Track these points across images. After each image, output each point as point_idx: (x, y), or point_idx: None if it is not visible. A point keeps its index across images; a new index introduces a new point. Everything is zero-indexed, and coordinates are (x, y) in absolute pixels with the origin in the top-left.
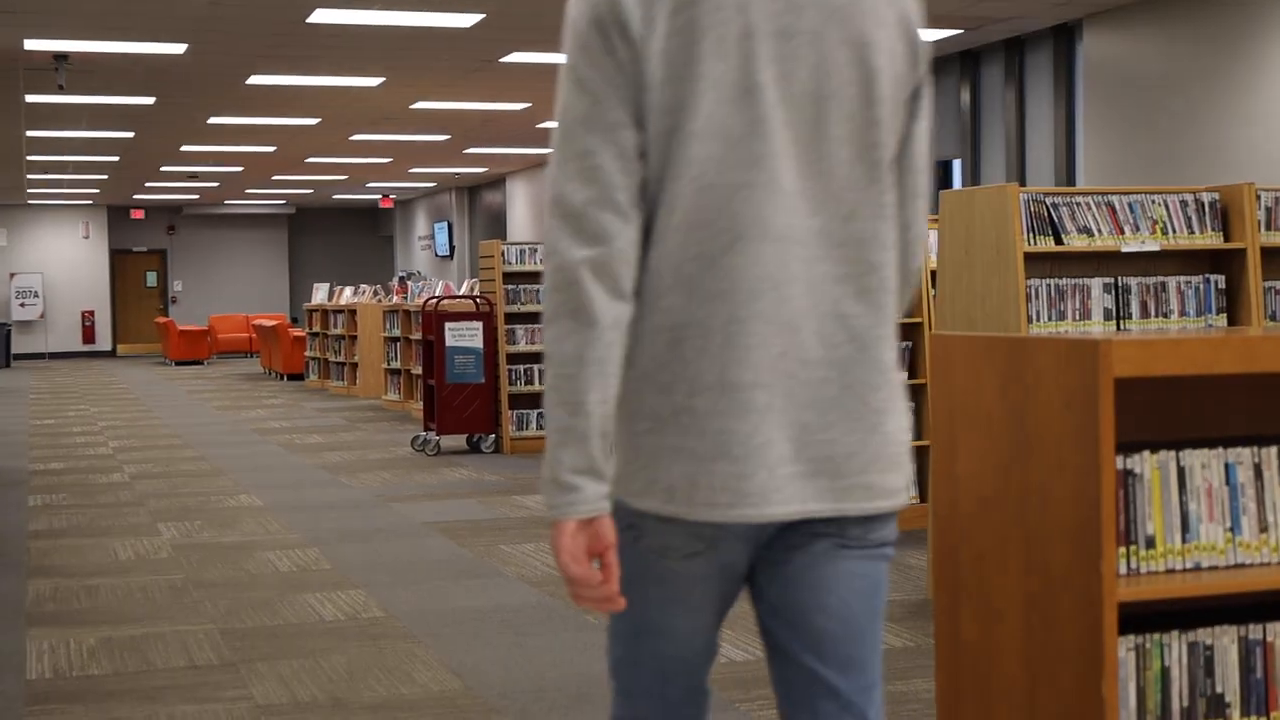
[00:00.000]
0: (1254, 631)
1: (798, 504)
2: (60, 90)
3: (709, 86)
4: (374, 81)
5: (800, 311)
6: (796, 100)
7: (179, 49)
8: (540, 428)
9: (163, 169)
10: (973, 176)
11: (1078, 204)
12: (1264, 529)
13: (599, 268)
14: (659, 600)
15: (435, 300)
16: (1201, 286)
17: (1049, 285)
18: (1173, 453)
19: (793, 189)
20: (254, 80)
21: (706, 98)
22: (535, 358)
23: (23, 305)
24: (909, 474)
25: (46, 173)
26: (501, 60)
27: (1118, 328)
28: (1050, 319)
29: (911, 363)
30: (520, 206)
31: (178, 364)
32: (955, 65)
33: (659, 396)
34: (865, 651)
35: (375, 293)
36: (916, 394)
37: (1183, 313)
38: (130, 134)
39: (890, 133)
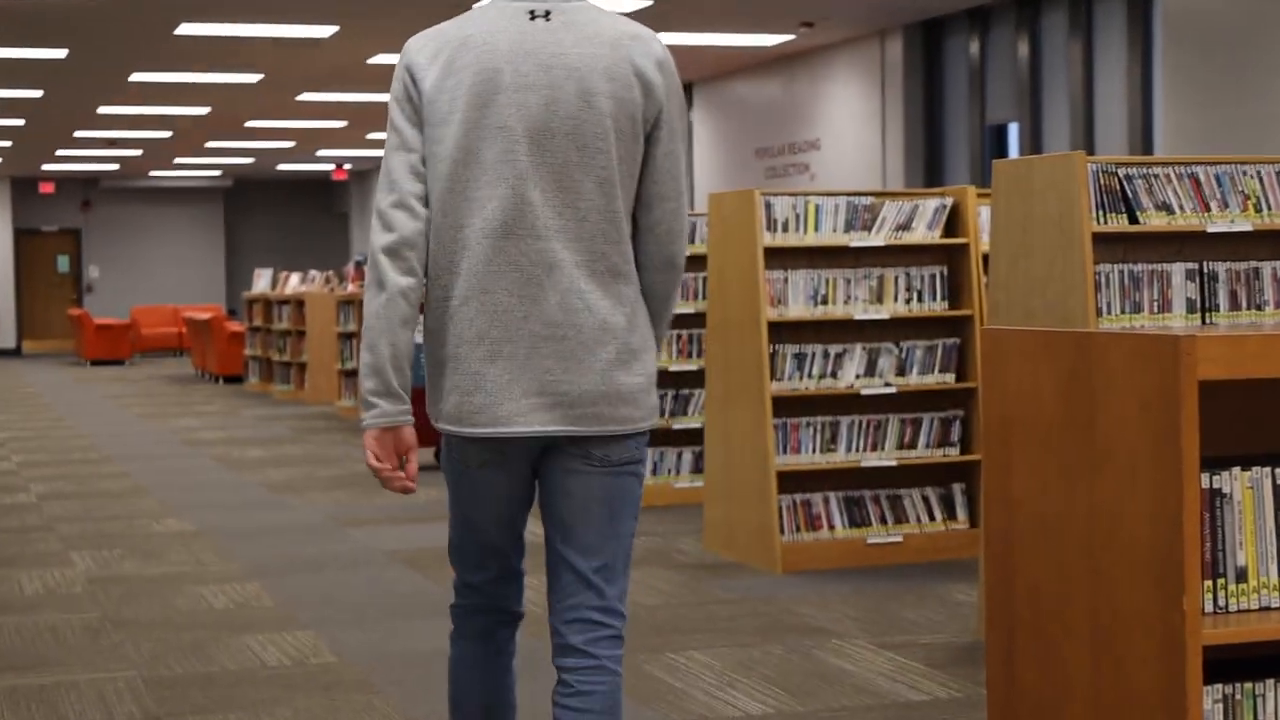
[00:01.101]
0: None
1: (538, 426)
2: None
3: (471, 125)
4: (325, 31)
5: (544, 288)
6: (538, 135)
7: None
8: None
9: (76, 135)
10: (1032, 143)
11: (1155, 176)
12: None
13: (392, 251)
14: (469, 498)
15: None
16: None
17: (1121, 271)
18: (1268, 469)
19: (538, 200)
20: (184, 29)
21: (469, 136)
22: None
23: None
24: (644, 409)
25: None
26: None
27: (1203, 321)
28: (1123, 311)
29: (959, 362)
30: None
31: (94, 364)
32: (1010, 15)
33: (439, 348)
34: (602, 541)
35: (327, 280)
36: (965, 400)
37: None
38: (38, 93)
39: (615, 158)
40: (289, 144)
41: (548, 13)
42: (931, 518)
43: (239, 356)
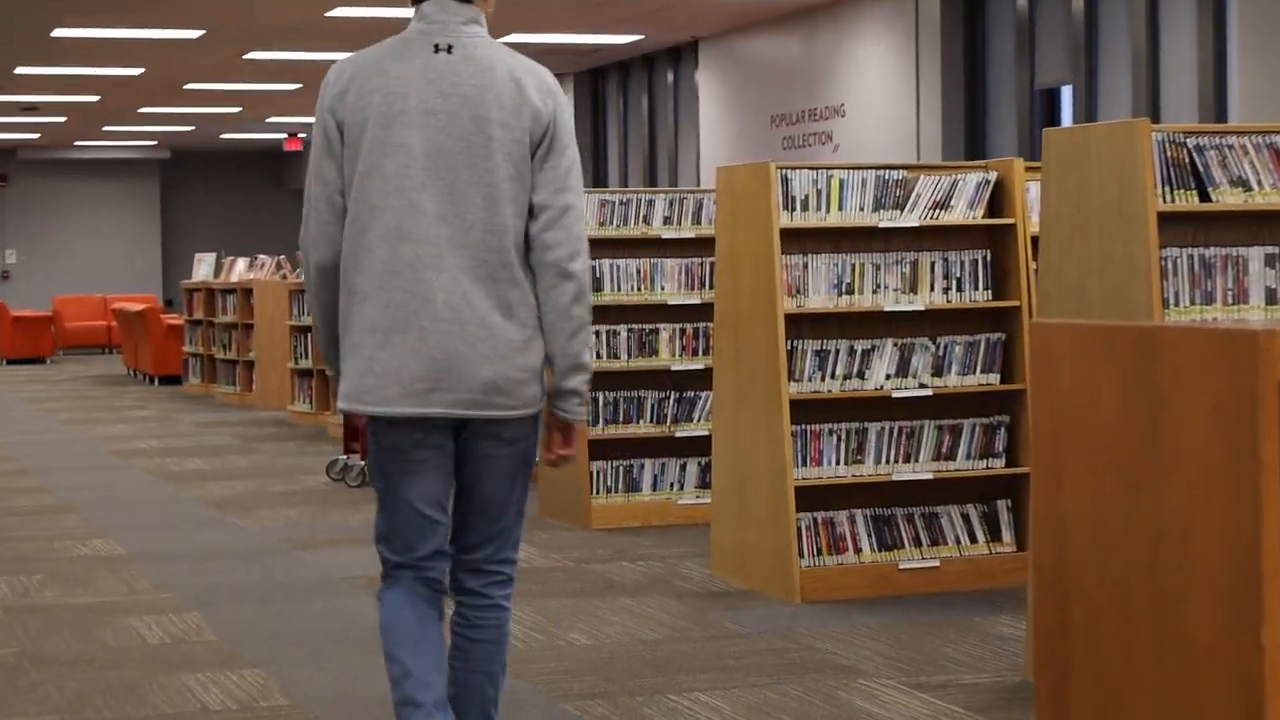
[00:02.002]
0: None
1: (419, 408)
2: None
3: (376, 143)
4: None
5: (433, 287)
6: (435, 154)
7: None
8: None
9: None
10: (1087, 109)
11: (1230, 146)
12: None
13: (320, 268)
14: (396, 470)
15: None
16: None
17: (1191, 256)
18: None
19: (430, 210)
20: None
21: (374, 152)
22: None
23: None
24: (518, 399)
25: None
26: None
27: None
28: (1192, 301)
29: (1005, 361)
30: None
31: (10, 363)
32: None
33: (345, 337)
34: (499, 507)
35: (279, 266)
36: (1011, 404)
37: None
38: None
39: (503, 176)
40: (234, 109)
41: (450, 47)
42: (973, 539)
43: (177, 354)
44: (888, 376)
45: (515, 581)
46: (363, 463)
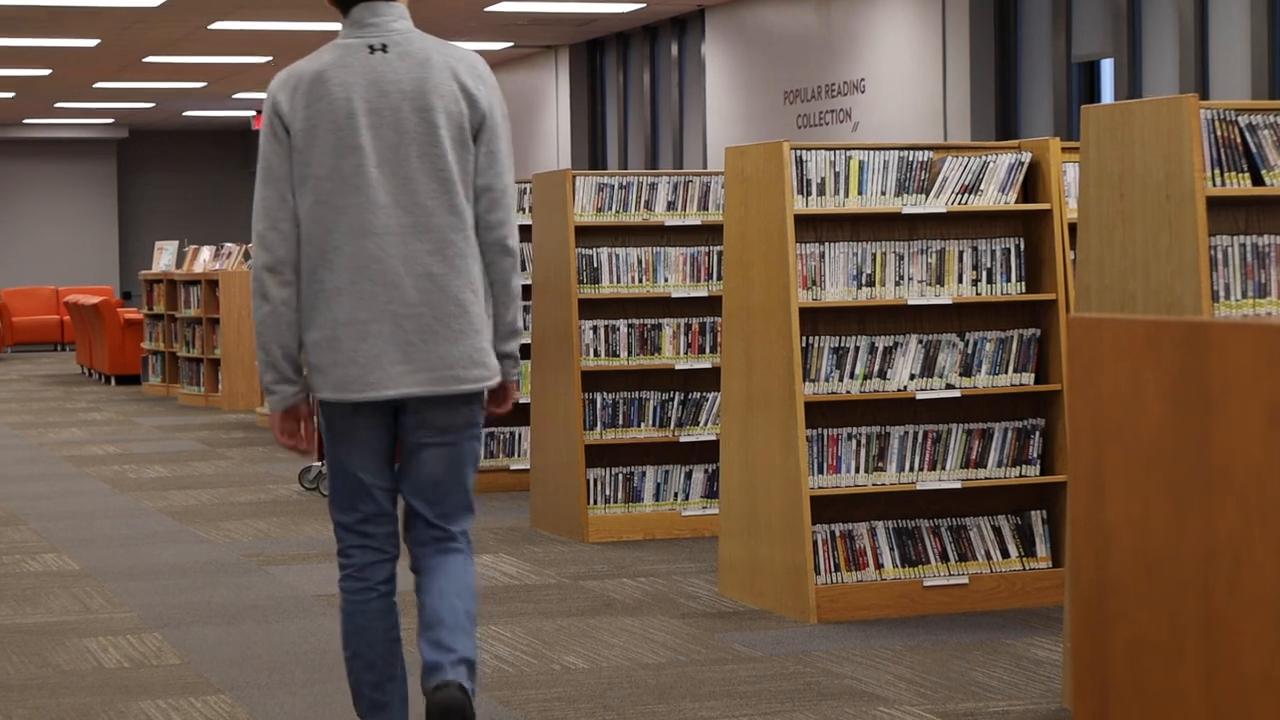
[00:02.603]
0: None
1: (408, 388)
2: None
3: (329, 147)
4: None
5: (400, 275)
6: (385, 149)
7: None
8: (490, 455)
9: None
10: (1130, 84)
11: None
12: None
13: (272, 269)
14: (346, 452)
15: None
16: None
17: (1243, 245)
18: None
19: (387, 202)
20: None
21: (327, 155)
22: None
23: None
24: (490, 368)
25: None
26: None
27: None
28: (1245, 294)
29: (1040, 359)
30: None
31: None
32: None
33: (316, 331)
34: (444, 493)
35: (246, 255)
36: (1047, 406)
37: None
38: None
39: (453, 160)
40: (198, 84)
41: (385, 46)
42: (1004, 554)
43: (135, 351)
44: (912, 376)
45: (471, 545)
46: None
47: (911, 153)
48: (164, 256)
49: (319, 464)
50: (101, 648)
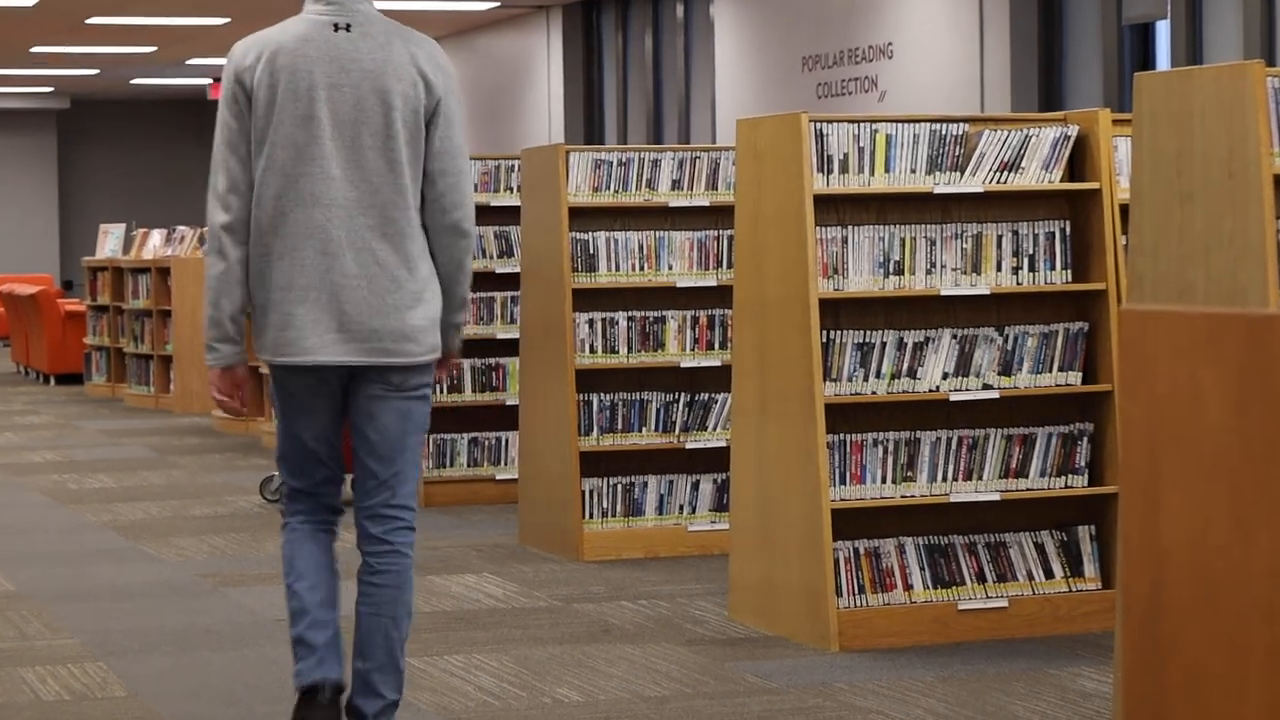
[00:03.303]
0: None
1: (339, 356)
2: None
3: (287, 116)
4: None
5: (342, 246)
6: (341, 124)
7: None
8: (473, 464)
9: None
10: (1189, 49)
11: None
12: None
13: (230, 228)
14: (293, 412)
15: None
16: None
17: None
18: None
19: (338, 175)
20: None
21: (285, 124)
22: (465, 346)
23: None
24: (424, 345)
25: None
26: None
27: None
28: None
29: (1088, 356)
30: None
31: None
32: None
33: (260, 293)
34: (395, 453)
35: (201, 240)
36: (1096, 409)
37: None
38: None
39: (403, 142)
40: (148, 49)
41: (349, 25)
42: (1048, 574)
43: (78, 347)
44: (945, 376)
45: (415, 531)
46: None
47: (945, 125)
48: (109, 241)
49: (277, 475)
50: (39, 678)
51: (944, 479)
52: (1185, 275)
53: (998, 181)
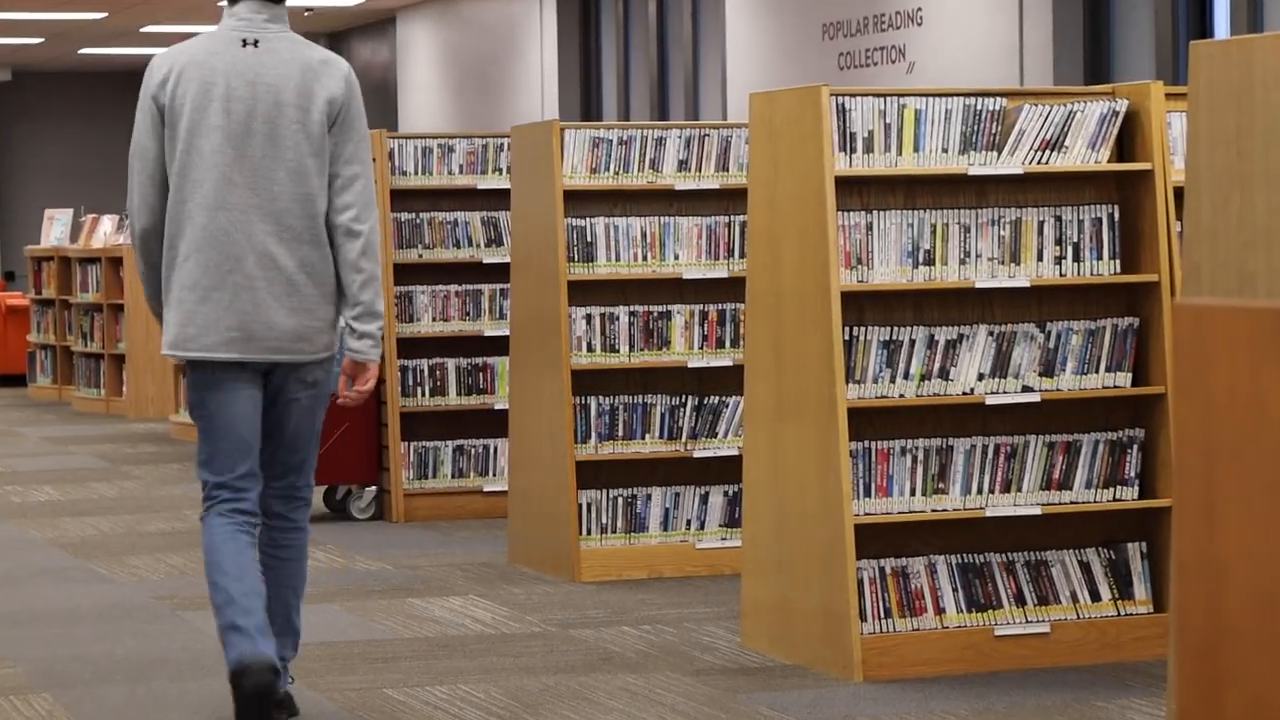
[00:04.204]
0: None
1: (237, 354)
2: None
3: (193, 126)
4: None
5: (243, 249)
6: (243, 135)
7: None
8: (458, 474)
9: None
10: (1250, 15)
11: None
12: None
13: (145, 234)
14: (213, 405)
15: None
16: None
17: None
18: None
19: (240, 182)
20: None
21: (192, 134)
22: (450, 344)
23: None
24: (317, 345)
25: None
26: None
27: None
28: None
29: (1138, 355)
30: (422, 66)
31: None
32: None
33: (168, 293)
34: (302, 443)
35: None
36: (1148, 413)
37: None
38: None
39: (303, 153)
40: (97, 15)
41: (256, 41)
42: (1094, 596)
43: (20, 346)
44: (980, 377)
45: (311, 504)
46: None
47: (980, 100)
48: (55, 228)
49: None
50: None
51: (979, 491)
52: (1246, 265)
53: (1038, 162)
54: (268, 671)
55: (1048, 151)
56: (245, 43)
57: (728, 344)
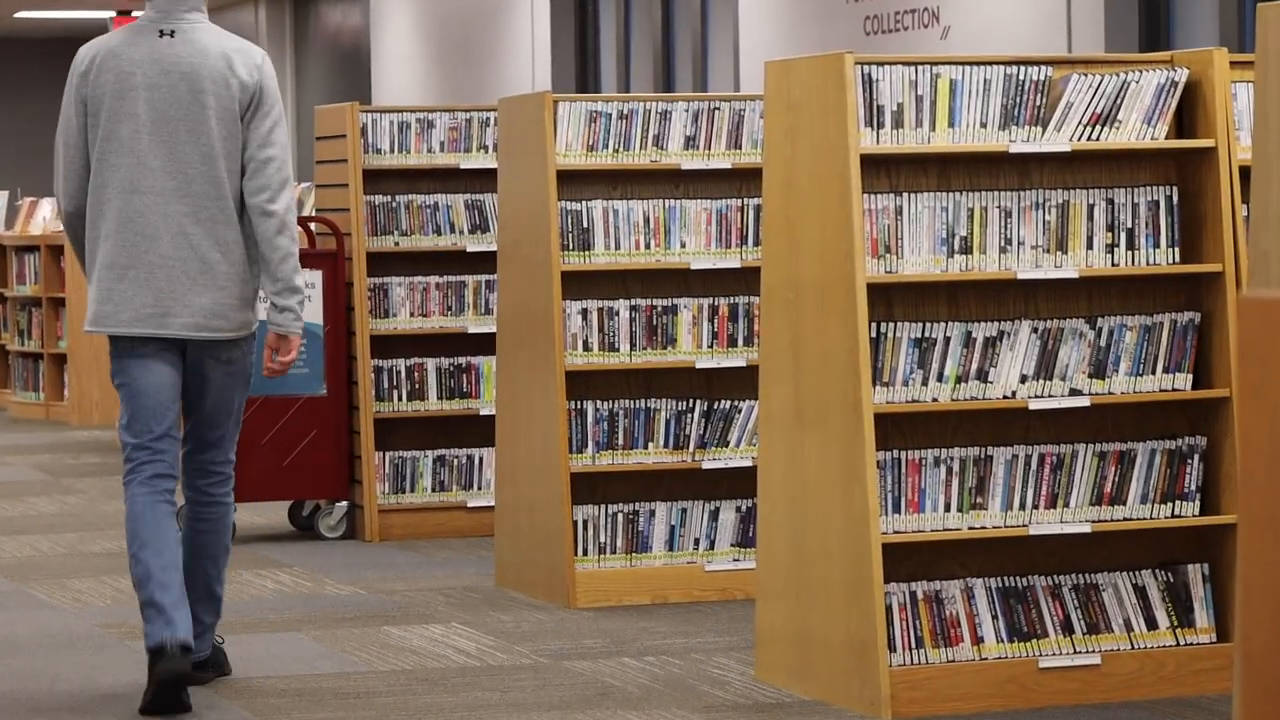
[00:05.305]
0: None
1: (152, 330)
2: None
3: (112, 112)
4: None
5: (159, 230)
6: (159, 120)
7: None
8: (439, 488)
9: None
10: None
11: None
12: None
13: (70, 217)
14: (135, 371)
15: None
16: None
17: None
18: None
19: (157, 166)
20: None
21: (111, 120)
22: (429, 343)
23: None
24: (233, 323)
25: None
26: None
27: None
28: None
29: (1199, 354)
30: (398, 32)
31: None
32: None
33: (90, 272)
34: (222, 418)
35: None
36: (1210, 419)
37: None
38: None
39: (217, 138)
40: None
41: (173, 31)
42: (1150, 624)
43: None
44: (1023, 379)
45: (233, 479)
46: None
47: (1023, 69)
48: None
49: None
50: None
51: (1021, 506)
52: None
53: (1088, 138)
54: (181, 659)
55: (1098, 127)
56: (163, 33)
57: (740, 342)
